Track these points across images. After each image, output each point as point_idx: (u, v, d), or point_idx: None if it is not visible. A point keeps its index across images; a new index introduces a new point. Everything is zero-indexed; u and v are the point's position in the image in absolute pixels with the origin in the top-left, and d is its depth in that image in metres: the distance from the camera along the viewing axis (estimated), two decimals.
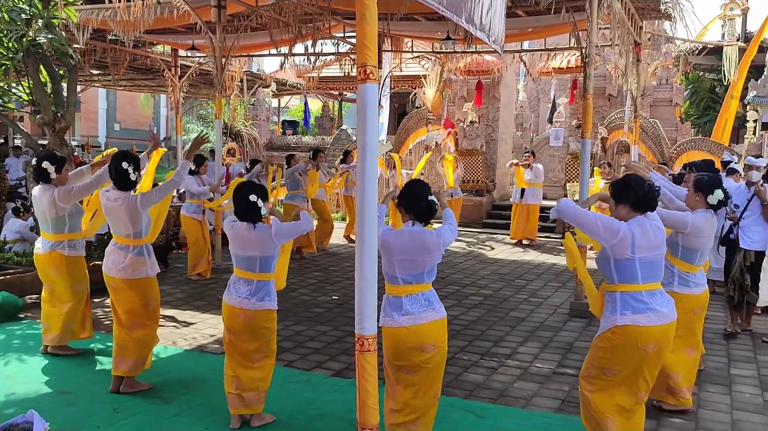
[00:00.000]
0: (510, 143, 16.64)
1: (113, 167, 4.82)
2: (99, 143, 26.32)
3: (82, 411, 4.49)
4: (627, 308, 3.57)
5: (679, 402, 4.60)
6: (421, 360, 3.57)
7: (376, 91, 2.93)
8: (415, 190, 3.73)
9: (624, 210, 3.66)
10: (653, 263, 3.62)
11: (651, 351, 3.58)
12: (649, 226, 3.61)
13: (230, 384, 4.27)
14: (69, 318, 5.55)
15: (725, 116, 13.46)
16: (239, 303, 4.19)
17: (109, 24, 9.03)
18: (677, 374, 4.57)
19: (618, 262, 3.58)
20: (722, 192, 4.44)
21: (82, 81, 16.32)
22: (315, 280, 8.86)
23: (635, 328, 3.54)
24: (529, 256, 11.22)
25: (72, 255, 5.53)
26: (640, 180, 3.72)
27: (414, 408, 3.63)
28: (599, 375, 3.69)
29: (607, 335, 3.63)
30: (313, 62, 16.16)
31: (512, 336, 6.48)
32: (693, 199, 4.52)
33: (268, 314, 4.25)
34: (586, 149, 7.38)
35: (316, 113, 27.22)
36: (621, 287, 3.60)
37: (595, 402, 3.69)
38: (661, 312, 3.59)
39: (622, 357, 3.60)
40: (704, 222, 4.42)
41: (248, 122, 17.32)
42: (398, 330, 3.54)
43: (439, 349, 3.62)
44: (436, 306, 3.64)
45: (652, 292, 3.61)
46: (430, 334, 3.58)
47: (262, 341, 4.26)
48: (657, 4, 9.03)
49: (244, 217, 4.17)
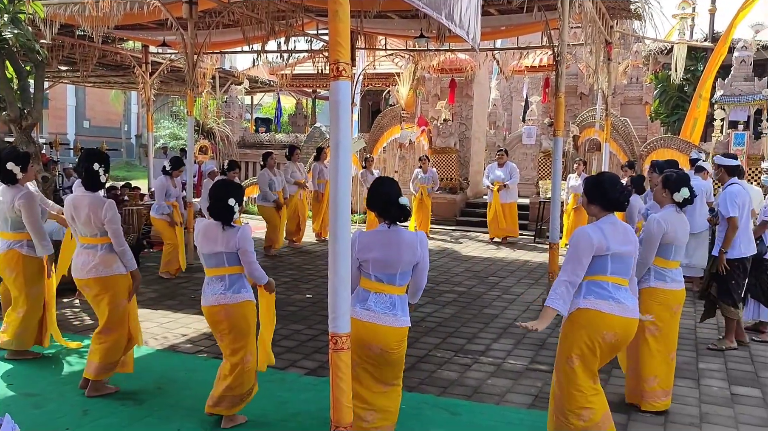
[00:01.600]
0: (483, 141, 16.73)
1: (83, 167, 4.70)
2: (68, 141, 25.86)
3: (51, 413, 4.41)
4: (590, 294, 3.68)
5: (652, 406, 4.59)
6: (365, 354, 3.61)
7: (349, 89, 2.91)
8: (383, 190, 3.65)
9: (596, 209, 3.78)
10: (623, 259, 3.70)
11: (608, 340, 3.66)
12: (619, 223, 3.72)
13: (218, 385, 4.22)
14: (22, 327, 5.38)
15: (694, 115, 13.67)
16: (216, 301, 4.16)
17: (77, 19, 8.87)
18: (653, 378, 4.58)
19: (592, 258, 3.66)
20: (688, 191, 4.51)
21: (50, 77, 16.01)
22: (288, 278, 8.81)
23: (596, 312, 3.64)
24: (502, 253, 11.29)
25: (30, 255, 5.35)
26: (613, 181, 3.78)
27: (361, 397, 3.63)
28: (565, 368, 3.74)
29: (569, 318, 3.74)
30: (286, 59, 16.09)
31: (486, 333, 6.51)
32: (660, 194, 4.62)
33: (248, 305, 4.23)
34: (559, 147, 7.45)
35: (290, 111, 27.05)
36: (587, 277, 3.69)
37: (571, 397, 3.73)
38: (624, 305, 3.67)
39: (580, 341, 3.68)
40: (673, 217, 4.51)
41: (221, 119, 17.16)
42: (354, 322, 3.49)
43: (389, 352, 3.62)
44: (398, 314, 3.61)
45: (617, 286, 3.70)
46: (382, 338, 3.58)
47: (247, 338, 4.23)
48: (627, 3, 9.15)
49: (218, 217, 4.14)
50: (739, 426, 4.44)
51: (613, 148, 12.46)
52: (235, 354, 4.21)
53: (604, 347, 3.68)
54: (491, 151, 15.75)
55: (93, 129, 30.01)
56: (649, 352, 4.57)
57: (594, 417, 3.69)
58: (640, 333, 4.53)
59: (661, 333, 4.58)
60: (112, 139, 28.35)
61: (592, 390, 3.72)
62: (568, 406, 3.73)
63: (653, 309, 4.52)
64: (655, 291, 4.53)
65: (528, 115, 17.21)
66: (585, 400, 3.69)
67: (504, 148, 13.72)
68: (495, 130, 17.77)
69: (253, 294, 4.30)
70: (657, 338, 4.58)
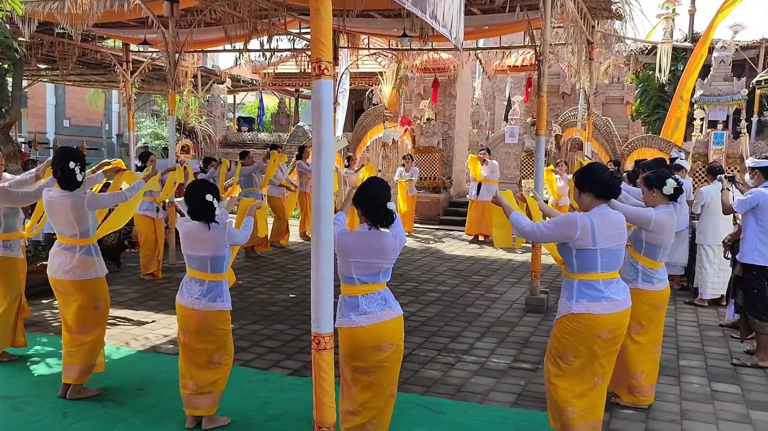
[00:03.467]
0: (466, 140, 16.77)
1: (59, 166, 4.60)
2: (47, 140, 25.49)
3: (30, 416, 4.35)
4: (583, 296, 3.68)
5: (637, 400, 4.64)
6: (378, 360, 3.56)
7: (331, 87, 2.90)
8: (373, 192, 3.60)
9: (588, 198, 3.75)
10: (613, 252, 3.71)
11: (605, 337, 3.69)
12: (610, 215, 3.71)
13: (184, 385, 4.19)
14: (2, 324, 5.30)
15: (675, 115, 13.80)
16: (191, 304, 4.12)
17: (56, 17, 8.74)
18: (640, 374, 4.62)
19: (579, 252, 3.67)
20: (674, 180, 4.52)
21: (29, 75, 15.79)
22: (272, 278, 8.77)
23: (590, 316, 3.65)
24: (485, 252, 11.32)
25: (6, 255, 5.28)
26: (603, 168, 3.79)
27: (370, 407, 3.62)
28: (558, 363, 3.78)
29: (563, 321, 3.75)
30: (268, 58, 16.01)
31: (469, 332, 6.53)
32: (650, 196, 4.59)
33: (221, 315, 4.18)
34: (541, 146, 7.49)
35: (273, 110, 26.94)
36: (579, 276, 3.70)
37: (556, 390, 3.77)
38: (616, 301, 3.70)
39: (577, 344, 3.70)
40: (666, 219, 4.48)
41: (203, 119, 17.05)
42: (355, 330, 3.50)
43: (395, 347, 3.61)
44: (392, 305, 3.63)
45: (608, 281, 3.72)
46: (388, 333, 3.57)
47: (217, 343, 4.19)
48: (608, 3, 9.21)
49: (199, 217, 4.10)
50: (718, 423, 4.49)
51: (595, 147, 12.55)
52: (199, 353, 4.17)
53: (603, 344, 3.71)
54: (474, 150, 15.79)
55: (73, 128, 29.60)
56: (636, 348, 4.61)
57: (579, 418, 3.73)
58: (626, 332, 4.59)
59: (645, 330, 4.62)
60: (92, 138, 27.99)
61: (589, 391, 3.75)
62: (557, 399, 3.79)
63: (640, 309, 4.53)
64: (642, 293, 4.55)
65: (511, 114, 17.26)
66: (572, 395, 3.73)
67: (487, 147, 13.76)
68: (478, 129, 17.80)
69: (230, 302, 4.26)
70: (641, 335, 4.62)
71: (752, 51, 17.46)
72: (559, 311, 3.81)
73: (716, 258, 7.58)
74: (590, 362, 3.74)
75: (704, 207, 7.61)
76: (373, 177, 3.84)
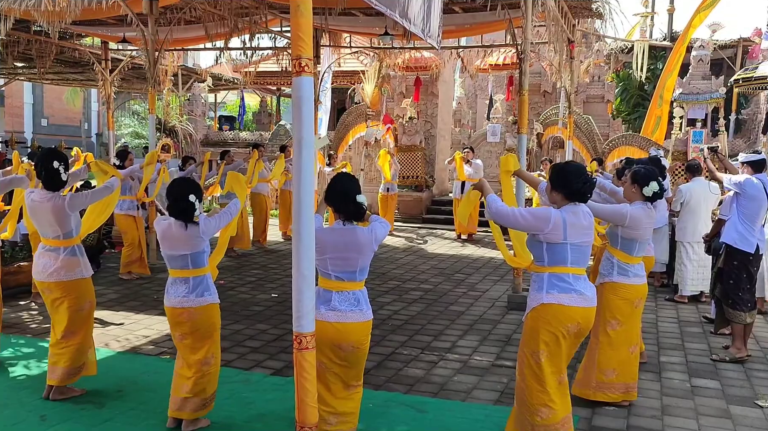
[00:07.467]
0: (448, 139, 16.80)
1: (42, 166, 4.57)
2: (25, 139, 25.15)
3: (7, 419, 4.28)
4: (553, 288, 3.70)
5: (607, 396, 4.63)
6: (337, 356, 3.60)
7: (312, 84, 2.87)
8: (341, 186, 3.62)
9: (558, 196, 3.78)
10: (581, 248, 3.74)
11: (572, 331, 3.71)
12: (581, 212, 3.74)
13: (179, 387, 4.14)
14: None
15: (656, 114, 13.89)
16: (179, 303, 4.08)
17: (32, 14, 8.60)
18: (611, 370, 4.62)
19: (550, 246, 3.69)
20: (657, 184, 4.54)
21: (5, 74, 15.58)
22: (254, 278, 8.72)
23: (560, 307, 3.67)
24: (467, 251, 11.35)
25: None
26: (579, 173, 3.80)
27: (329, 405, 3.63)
28: (530, 362, 3.75)
29: (532, 314, 3.76)
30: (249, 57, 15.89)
31: (452, 330, 6.53)
32: (630, 190, 4.60)
33: (211, 308, 4.16)
34: (523, 144, 7.51)
35: (254, 109, 26.77)
36: (549, 269, 3.72)
37: (530, 392, 3.75)
38: (585, 296, 3.73)
39: (546, 335, 3.70)
40: (642, 214, 4.48)
41: (184, 118, 16.90)
42: (322, 324, 3.48)
43: (358, 350, 3.63)
44: (363, 308, 3.63)
45: (577, 276, 3.74)
46: (353, 335, 3.58)
47: (210, 341, 4.17)
48: (588, 3, 9.26)
49: (179, 216, 4.05)
50: (699, 418, 4.53)
51: (576, 145, 12.62)
52: (196, 352, 4.14)
53: (569, 338, 3.73)
54: (456, 149, 15.82)
55: (51, 127, 29.23)
56: (610, 345, 4.62)
57: (553, 417, 3.71)
58: (601, 327, 4.60)
59: (622, 327, 4.63)
60: (71, 138, 27.67)
61: (557, 389, 3.74)
62: (530, 401, 3.75)
63: (615, 303, 4.57)
64: (616, 286, 4.58)
65: (492, 112, 17.31)
66: (548, 398, 3.71)
67: (470, 145, 13.79)
68: (460, 127, 17.83)
69: (217, 295, 4.23)
70: (618, 332, 4.63)
71: (730, 50, 17.64)
72: (529, 305, 3.80)
73: (696, 255, 7.66)
74: (558, 355, 3.73)
75: (684, 204, 7.68)
76: (341, 172, 3.84)
